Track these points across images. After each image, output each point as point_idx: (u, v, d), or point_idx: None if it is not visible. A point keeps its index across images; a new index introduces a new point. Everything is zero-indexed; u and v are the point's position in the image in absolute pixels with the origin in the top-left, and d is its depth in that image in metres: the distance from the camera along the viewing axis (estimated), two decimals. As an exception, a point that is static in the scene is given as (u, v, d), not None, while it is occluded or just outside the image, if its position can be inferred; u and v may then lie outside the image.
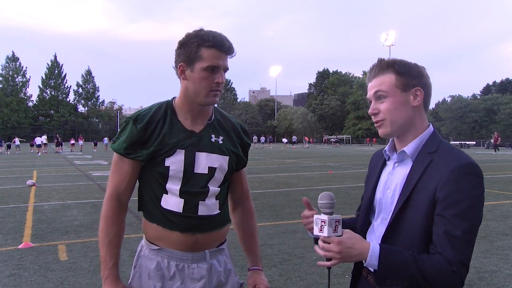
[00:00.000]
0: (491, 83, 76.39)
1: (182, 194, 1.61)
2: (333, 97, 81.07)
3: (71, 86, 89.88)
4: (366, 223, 1.51)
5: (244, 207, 1.87)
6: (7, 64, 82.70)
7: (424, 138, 1.41)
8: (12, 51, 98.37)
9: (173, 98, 1.70)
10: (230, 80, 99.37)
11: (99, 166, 20.04)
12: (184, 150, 1.61)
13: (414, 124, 1.41)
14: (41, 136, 37.30)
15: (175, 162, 1.60)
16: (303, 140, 58.13)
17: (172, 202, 1.61)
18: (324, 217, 1.33)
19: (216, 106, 1.76)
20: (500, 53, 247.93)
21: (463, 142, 52.91)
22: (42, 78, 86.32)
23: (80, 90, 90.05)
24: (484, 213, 6.27)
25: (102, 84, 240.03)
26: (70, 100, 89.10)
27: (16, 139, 38.59)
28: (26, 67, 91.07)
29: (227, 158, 1.69)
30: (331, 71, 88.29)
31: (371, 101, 1.45)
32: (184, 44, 1.57)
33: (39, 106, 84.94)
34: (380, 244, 1.31)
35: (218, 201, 1.68)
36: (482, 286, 4.12)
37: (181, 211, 1.61)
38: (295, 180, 13.52)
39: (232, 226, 1.83)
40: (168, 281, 1.62)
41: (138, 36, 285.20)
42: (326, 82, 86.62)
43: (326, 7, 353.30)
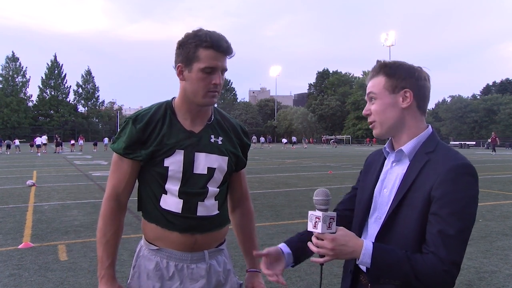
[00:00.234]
0: (491, 83, 76.36)
1: (181, 195, 1.61)
2: (333, 97, 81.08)
3: (71, 86, 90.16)
4: (363, 222, 1.51)
5: (243, 208, 1.87)
6: (7, 64, 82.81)
7: (422, 138, 1.41)
8: (12, 51, 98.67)
9: (172, 98, 1.70)
10: (230, 80, 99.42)
11: (99, 166, 20.04)
12: (183, 151, 1.61)
13: (406, 125, 1.42)
14: (41, 136, 37.26)
15: (174, 163, 1.60)
16: (303, 140, 58.10)
17: (171, 202, 1.61)
18: (318, 213, 1.32)
19: (216, 106, 1.76)
20: (500, 53, 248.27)
21: (463, 142, 52.88)
22: (42, 78, 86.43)
23: (80, 90, 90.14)
24: (484, 213, 6.25)
25: (102, 84, 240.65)
26: (70, 100, 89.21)
27: (16, 141, 38.63)
28: (26, 67, 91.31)
29: (227, 158, 1.68)
30: (331, 71, 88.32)
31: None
32: (182, 45, 1.57)
33: (39, 106, 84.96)
34: (373, 243, 1.31)
35: (217, 201, 1.68)
36: (482, 286, 4.11)
37: (180, 212, 1.61)
38: (295, 180, 13.52)
39: (231, 227, 1.83)
40: (167, 281, 1.62)
41: (138, 36, 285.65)
42: (326, 82, 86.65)
43: (326, 7, 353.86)
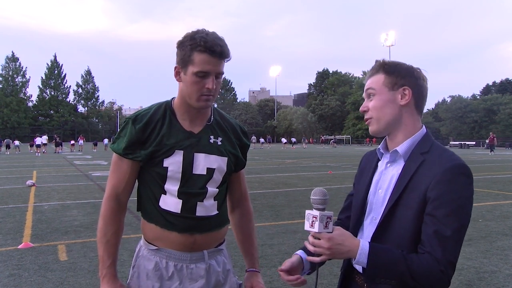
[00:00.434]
0: (491, 83, 76.40)
1: (180, 195, 1.61)
2: (333, 97, 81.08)
3: (71, 86, 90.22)
4: (359, 223, 1.50)
5: (242, 209, 1.87)
6: (7, 64, 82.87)
7: (417, 138, 1.41)
8: (12, 51, 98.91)
9: (172, 98, 1.70)
10: (230, 80, 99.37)
11: (99, 166, 20.04)
12: (182, 151, 1.61)
13: (403, 123, 1.42)
14: (41, 137, 37.25)
15: (174, 163, 1.60)
16: (302, 140, 58.08)
17: (170, 202, 1.61)
18: (315, 212, 1.33)
19: (215, 106, 1.76)
20: (500, 53, 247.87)
21: (463, 142, 52.83)
22: (42, 78, 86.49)
23: (80, 90, 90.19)
24: (484, 213, 6.25)
25: (102, 84, 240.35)
26: (70, 100, 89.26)
27: (16, 141, 38.66)
28: (26, 67, 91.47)
29: (226, 159, 1.68)
30: (331, 71, 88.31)
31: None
32: (180, 46, 1.58)
33: (39, 106, 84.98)
34: (370, 242, 1.32)
35: (216, 202, 1.68)
36: (482, 286, 4.11)
37: (179, 212, 1.61)
38: (295, 180, 13.53)
39: (231, 227, 1.83)
40: (166, 281, 1.62)
41: (138, 36, 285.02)
42: (326, 82, 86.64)
43: (326, 7, 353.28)
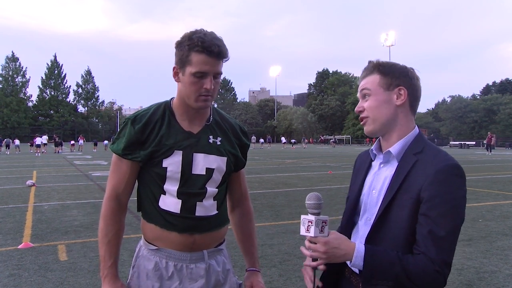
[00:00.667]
0: (491, 83, 76.37)
1: (179, 195, 1.61)
2: (333, 97, 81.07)
3: (71, 86, 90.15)
4: (351, 224, 1.51)
5: (242, 208, 1.87)
6: (7, 64, 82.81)
7: (410, 139, 1.41)
8: (12, 51, 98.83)
9: (171, 98, 1.70)
10: (230, 80, 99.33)
11: (99, 166, 20.05)
12: (181, 151, 1.61)
13: (398, 123, 1.42)
14: (41, 137, 37.24)
15: (173, 163, 1.60)
16: (302, 140, 58.04)
17: (170, 202, 1.61)
18: (311, 217, 1.33)
19: (215, 106, 1.76)
20: (500, 53, 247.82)
21: (463, 142, 52.81)
22: (42, 78, 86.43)
23: (80, 90, 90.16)
24: (484, 213, 6.26)
25: (102, 84, 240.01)
26: (70, 100, 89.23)
27: (16, 140, 38.66)
28: (26, 67, 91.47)
29: (225, 159, 1.68)
30: (331, 71, 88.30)
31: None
32: (178, 46, 1.58)
33: (39, 106, 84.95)
34: (365, 245, 1.32)
35: (216, 201, 1.68)
36: (482, 286, 4.11)
37: (178, 212, 1.61)
38: (295, 180, 13.53)
39: (231, 227, 1.83)
40: (166, 281, 1.62)
41: (138, 36, 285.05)
42: (326, 82, 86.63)
43: (326, 7, 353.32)
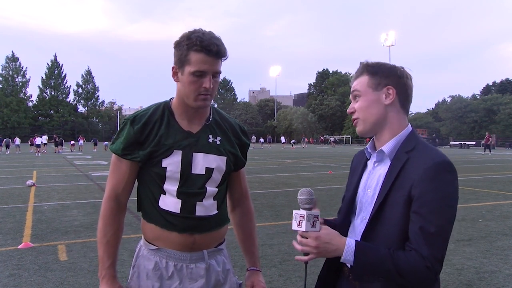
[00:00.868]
0: (491, 83, 76.39)
1: (179, 195, 1.61)
2: (333, 97, 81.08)
3: (71, 86, 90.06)
4: (347, 223, 1.52)
5: (243, 208, 1.87)
6: (7, 64, 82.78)
7: (402, 137, 1.43)
8: (12, 51, 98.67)
9: (170, 98, 1.71)
10: (230, 80, 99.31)
11: (99, 166, 20.05)
12: (181, 151, 1.61)
13: (389, 122, 1.44)
14: (41, 137, 37.25)
15: (172, 163, 1.60)
16: (302, 140, 58.00)
17: (170, 202, 1.61)
18: (302, 212, 1.35)
19: (215, 106, 1.76)
20: (500, 53, 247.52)
21: (463, 142, 52.80)
22: (42, 78, 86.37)
23: (80, 90, 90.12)
24: (484, 213, 6.26)
25: (102, 84, 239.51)
26: (70, 100, 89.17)
27: (17, 139, 38.67)
28: (26, 67, 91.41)
29: (225, 158, 1.68)
30: (331, 71, 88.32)
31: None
32: (177, 46, 1.58)
33: (39, 106, 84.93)
34: (356, 241, 1.33)
35: (216, 201, 1.68)
36: (482, 286, 4.11)
37: (178, 212, 1.61)
38: (295, 180, 13.53)
39: (231, 226, 1.83)
40: (166, 280, 1.62)
41: (138, 36, 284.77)
42: (326, 82, 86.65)
43: (326, 7, 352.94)
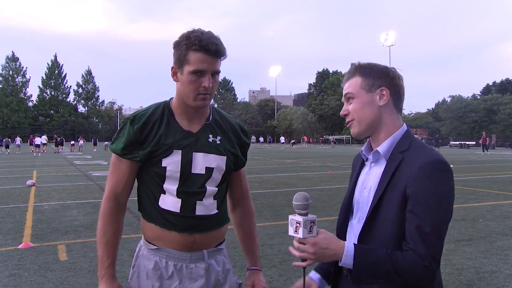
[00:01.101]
0: (491, 83, 76.39)
1: (179, 194, 1.61)
2: (333, 97, 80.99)
3: (71, 86, 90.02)
4: (345, 223, 1.53)
5: (243, 207, 1.87)
6: (7, 64, 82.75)
7: (397, 137, 1.44)
8: (12, 51, 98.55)
9: (170, 98, 1.71)
10: (230, 80, 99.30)
11: (99, 166, 20.04)
12: (181, 151, 1.61)
13: (384, 123, 1.45)
14: (40, 137, 37.24)
15: (172, 163, 1.60)
16: (301, 140, 57.94)
17: (170, 202, 1.62)
18: (299, 218, 1.33)
19: (215, 106, 1.76)
20: (500, 53, 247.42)
21: (463, 142, 52.77)
22: (42, 78, 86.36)
23: (80, 90, 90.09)
24: (484, 213, 6.26)
25: (102, 84, 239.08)
26: (70, 100, 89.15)
27: (17, 139, 38.67)
28: (26, 67, 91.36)
29: (225, 158, 1.69)
30: (331, 71, 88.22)
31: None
32: (176, 46, 1.59)
33: (39, 106, 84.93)
34: (355, 244, 1.34)
35: (216, 201, 1.68)
36: (482, 286, 4.11)
37: (178, 211, 1.61)
38: (295, 180, 13.53)
39: (232, 226, 1.83)
40: (166, 280, 1.62)
41: (138, 36, 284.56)
42: (326, 82, 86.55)
43: (326, 7, 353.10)
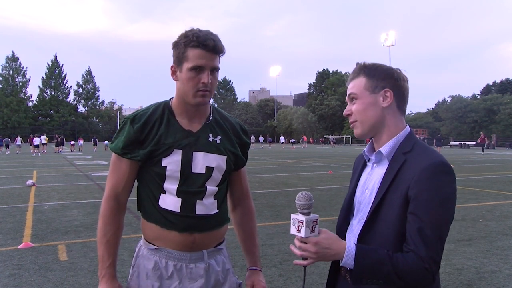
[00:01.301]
0: (491, 83, 76.37)
1: (179, 194, 1.61)
2: (333, 97, 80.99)
3: (71, 86, 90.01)
4: (345, 223, 1.54)
5: (244, 207, 1.87)
6: (7, 64, 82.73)
7: (400, 138, 1.44)
8: (12, 51, 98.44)
9: (170, 98, 1.71)
10: (230, 80, 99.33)
11: (99, 166, 20.04)
12: (181, 150, 1.61)
13: (386, 124, 1.44)
14: (39, 137, 37.23)
15: (172, 162, 1.60)
16: (301, 140, 57.92)
17: (170, 201, 1.62)
18: (301, 217, 1.34)
19: (215, 106, 1.77)
20: (500, 53, 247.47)
21: (463, 142, 52.75)
22: (42, 78, 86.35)
23: (80, 90, 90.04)
24: (484, 213, 6.26)
25: (102, 84, 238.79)
26: (70, 100, 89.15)
27: (18, 139, 38.65)
28: (26, 67, 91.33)
29: (225, 157, 1.69)
30: (331, 71, 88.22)
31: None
32: (175, 45, 1.60)
33: (39, 106, 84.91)
34: (356, 244, 1.34)
35: (216, 200, 1.68)
36: (482, 286, 4.11)
37: (178, 211, 1.61)
38: (295, 180, 13.52)
39: (232, 226, 1.83)
40: (166, 280, 1.62)
41: (138, 36, 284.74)
42: (326, 82, 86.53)
43: (326, 7, 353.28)
